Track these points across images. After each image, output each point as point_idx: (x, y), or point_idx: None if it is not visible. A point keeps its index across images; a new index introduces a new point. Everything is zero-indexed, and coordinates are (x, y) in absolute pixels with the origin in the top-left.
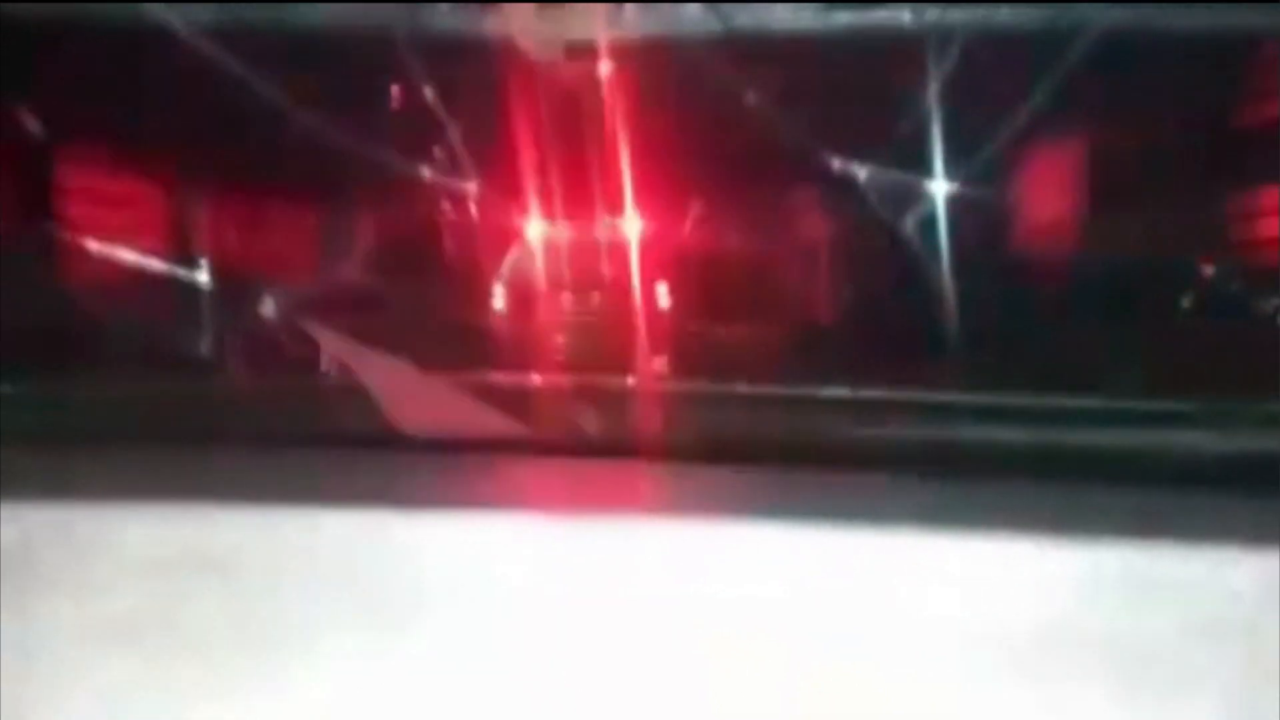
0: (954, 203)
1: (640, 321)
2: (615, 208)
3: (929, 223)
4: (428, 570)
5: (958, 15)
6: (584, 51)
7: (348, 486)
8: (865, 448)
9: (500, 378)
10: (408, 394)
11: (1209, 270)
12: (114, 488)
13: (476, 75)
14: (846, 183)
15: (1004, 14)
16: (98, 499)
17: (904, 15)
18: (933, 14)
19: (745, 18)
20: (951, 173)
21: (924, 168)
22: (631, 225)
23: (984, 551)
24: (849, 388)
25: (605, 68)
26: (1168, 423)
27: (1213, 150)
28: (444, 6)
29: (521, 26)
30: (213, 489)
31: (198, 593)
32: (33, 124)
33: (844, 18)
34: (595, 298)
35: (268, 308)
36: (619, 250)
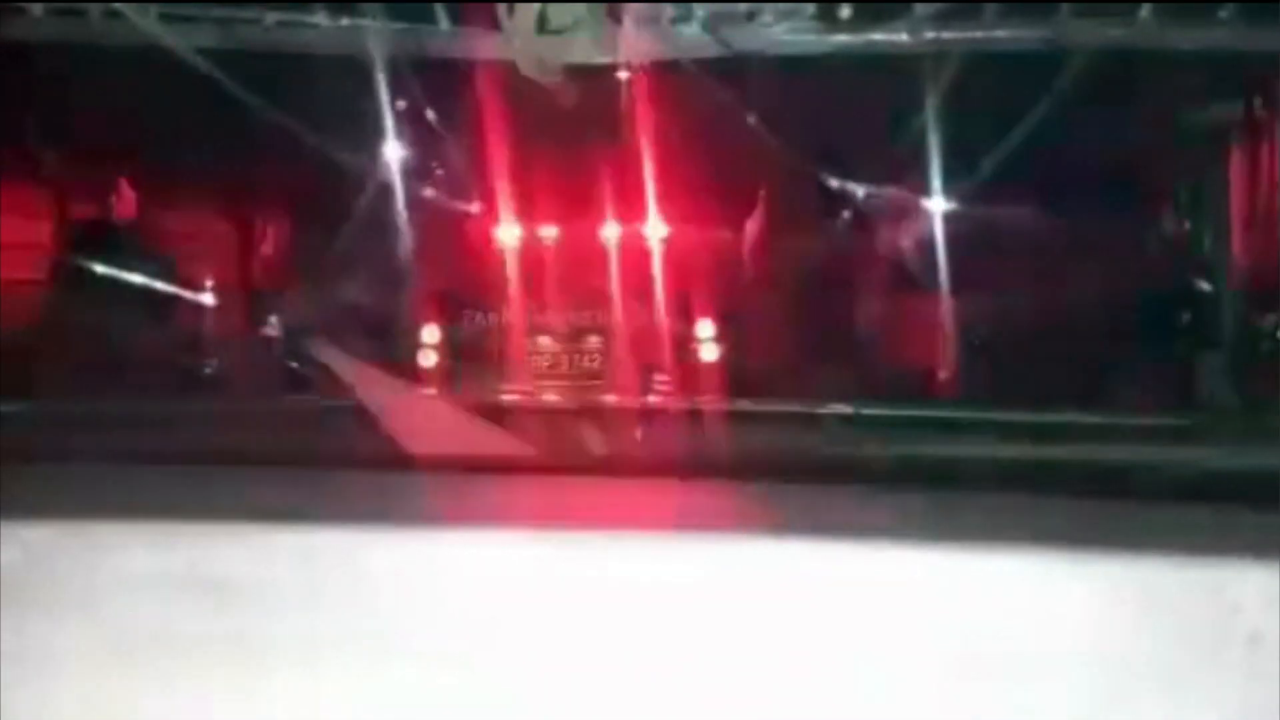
0: (950, 221)
1: (642, 340)
2: (614, 226)
3: (927, 240)
4: (426, 589)
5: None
6: (584, 75)
7: (346, 507)
8: (867, 463)
9: (503, 397)
10: (409, 414)
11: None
12: (114, 508)
13: (477, 98)
14: (845, 201)
15: (1000, 35)
16: (98, 519)
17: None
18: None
19: (744, 40)
20: (949, 191)
21: (922, 186)
22: (632, 245)
23: (986, 566)
24: (850, 405)
25: (606, 90)
26: (1168, 438)
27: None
28: (445, 31)
29: (522, 51)
30: (212, 509)
31: (196, 611)
32: (35, 149)
33: (841, 39)
34: (595, 316)
35: (271, 328)
36: (619, 268)
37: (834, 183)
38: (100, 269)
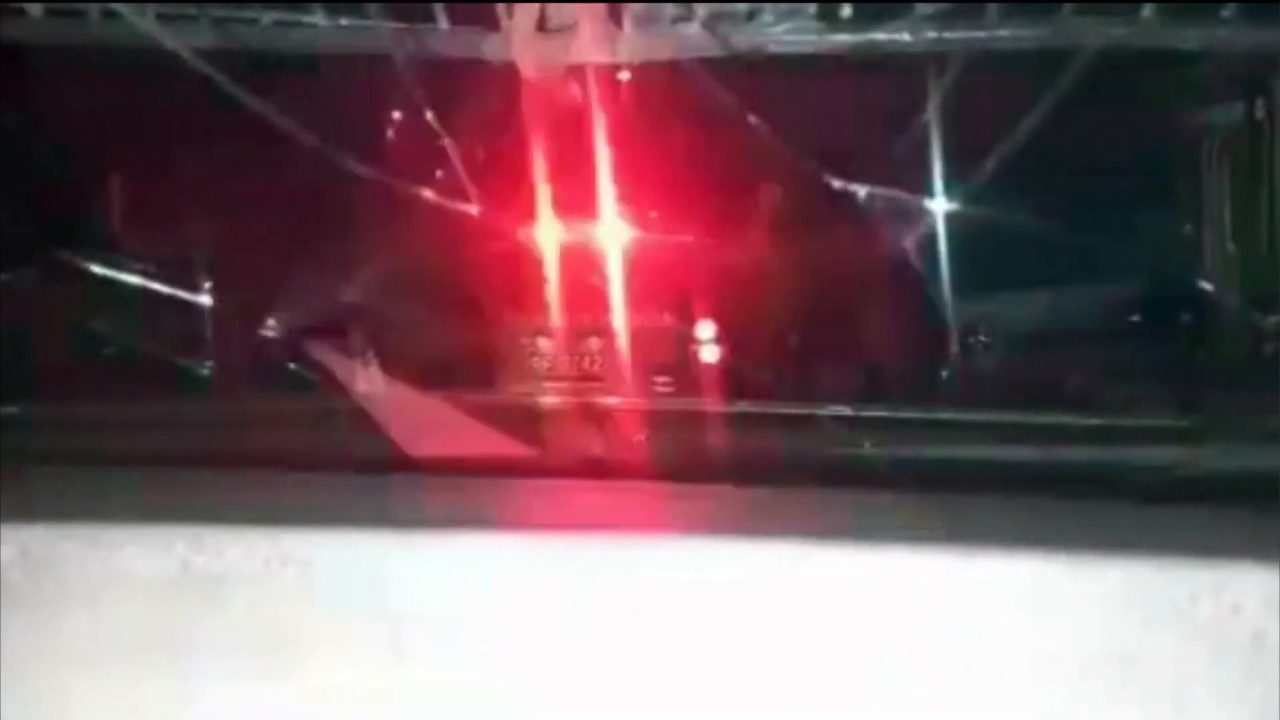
0: (949, 221)
1: (643, 341)
2: (615, 229)
3: (929, 241)
4: (426, 591)
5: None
6: (584, 75)
7: (346, 508)
8: (868, 466)
9: (503, 399)
10: (408, 415)
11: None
12: (114, 508)
13: (477, 98)
14: (846, 202)
15: (1003, 35)
16: (96, 519)
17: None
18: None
19: (745, 40)
20: (951, 192)
21: (924, 187)
22: (632, 246)
23: (986, 568)
24: (851, 406)
25: (605, 90)
26: (1169, 439)
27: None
28: (445, 31)
29: (522, 50)
30: (211, 510)
31: (195, 613)
32: (38, 151)
33: (843, 39)
34: (595, 318)
35: (270, 330)
36: (619, 269)
37: (835, 183)
38: (97, 269)
